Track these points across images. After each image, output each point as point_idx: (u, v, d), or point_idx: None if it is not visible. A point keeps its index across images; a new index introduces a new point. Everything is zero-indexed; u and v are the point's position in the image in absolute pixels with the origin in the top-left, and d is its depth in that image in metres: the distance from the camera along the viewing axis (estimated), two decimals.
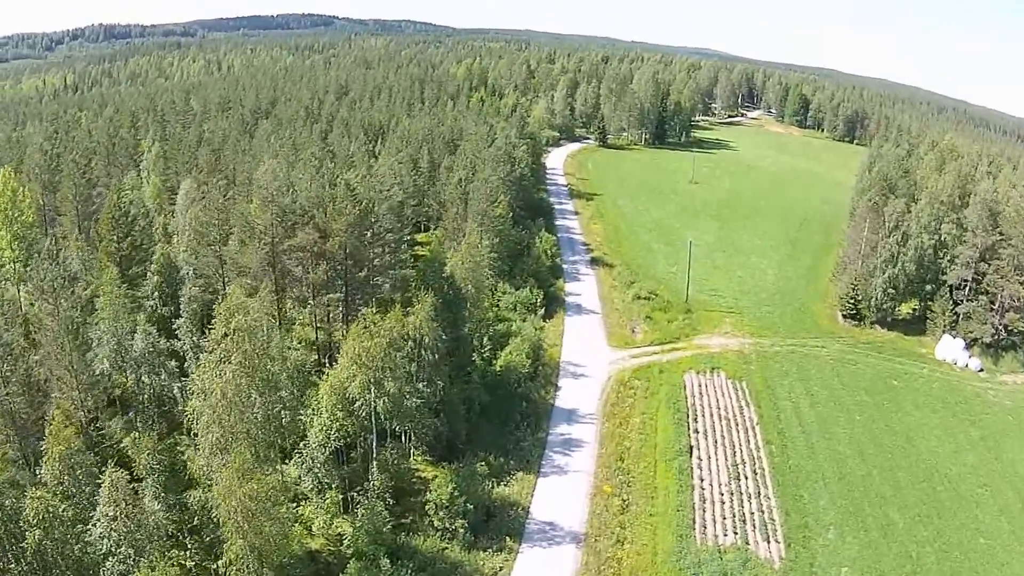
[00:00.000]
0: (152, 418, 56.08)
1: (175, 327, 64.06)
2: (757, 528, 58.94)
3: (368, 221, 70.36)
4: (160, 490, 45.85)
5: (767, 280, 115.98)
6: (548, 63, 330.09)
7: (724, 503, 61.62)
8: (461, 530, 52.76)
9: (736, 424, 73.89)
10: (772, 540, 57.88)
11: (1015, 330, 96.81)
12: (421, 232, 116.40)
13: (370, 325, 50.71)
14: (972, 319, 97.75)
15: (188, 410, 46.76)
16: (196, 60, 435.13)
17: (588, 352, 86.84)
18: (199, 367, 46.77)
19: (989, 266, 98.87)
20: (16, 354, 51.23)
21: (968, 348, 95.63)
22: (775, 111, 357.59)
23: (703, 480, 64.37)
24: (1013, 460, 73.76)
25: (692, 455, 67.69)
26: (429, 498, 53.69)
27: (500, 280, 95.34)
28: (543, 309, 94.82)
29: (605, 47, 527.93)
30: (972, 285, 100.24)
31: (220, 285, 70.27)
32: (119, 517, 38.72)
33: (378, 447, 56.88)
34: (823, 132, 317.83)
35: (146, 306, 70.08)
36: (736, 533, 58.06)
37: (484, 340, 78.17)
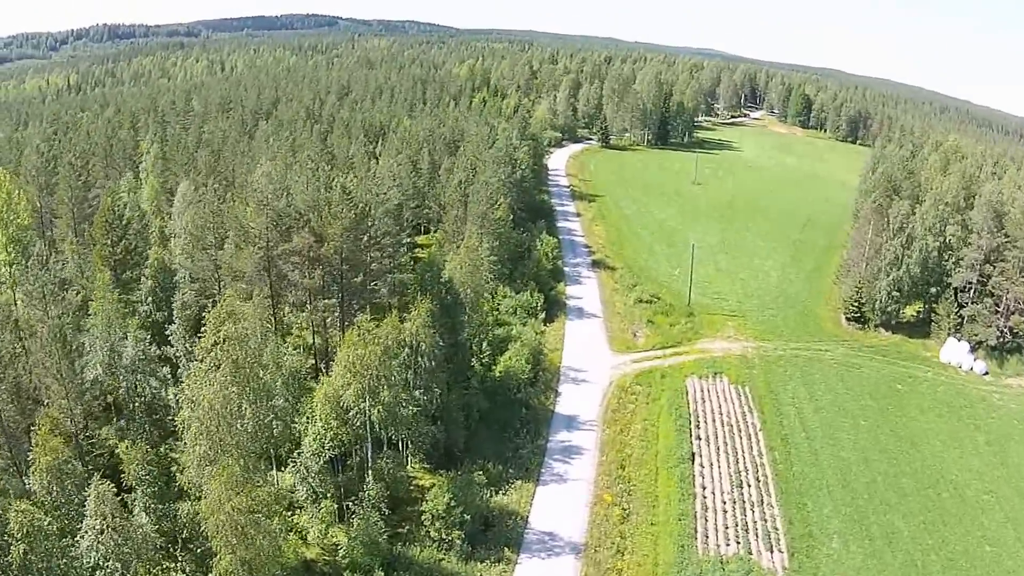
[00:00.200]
0: (144, 426, 55.17)
1: (168, 333, 63.24)
2: (760, 537, 58.04)
3: (364, 225, 69.43)
4: (151, 501, 44.97)
5: (770, 283, 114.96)
6: (551, 63, 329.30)
7: (726, 512, 60.70)
8: (458, 541, 51.90)
9: (739, 430, 72.98)
10: (775, 550, 57.02)
11: (1020, 332, 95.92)
12: (422, 234, 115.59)
13: (364, 333, 49.72)
14: (977, 322, 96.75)
15: (179, 420, 45.91)
16: (199, 60, 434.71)
17: (589, 357, 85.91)
18: (189, 376, 45.90)
19: (994, 268, 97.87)
20: (6, 360, 50.44)
21: (973, 351, 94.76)
22: (778, 111, 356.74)
23: (705, 488, 63.41)
24: (1019, 465, 72.99)
25: (694, 462, 66.79)
26: (425, 508, 52.80)
27: (500, 283, 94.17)
28: (544, 313, 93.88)
29: (608, 47, 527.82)
30: (977, 287, 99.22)
31: (216, 290, 69.42)
32: (106, 530, 37.88)
33: (374, 455, 56.00)
34: (826, 132, 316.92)
35: (140, 311, 69.22)
36: (739, 543, 57.17)
37: (483, 345, 77.07)
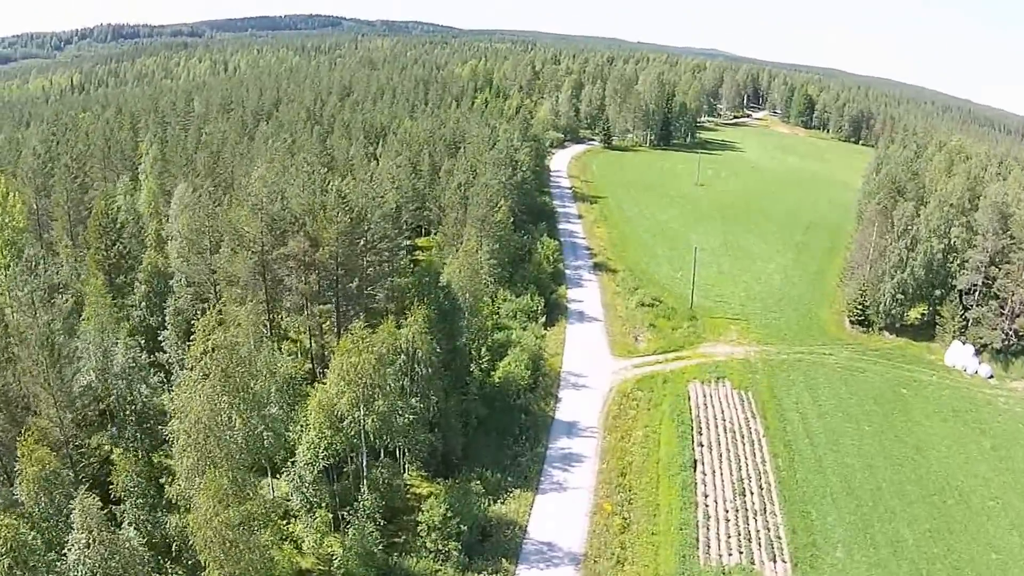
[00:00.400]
0: (134, 434, 54.24)
1: (161, 339, 62.36)
2: (763, 547, 57.04)
3: (360, 229, 68.42)
4: (140, 512, 44.08)
5: (773, 285, 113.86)
6: (553, 64, 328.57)
7: (729, 520, 59.70)
8: (455, 552, 50.97)
9: (742, 437, 71.94)
10: (779, 559, 56.05)
11: None
12: (422, 236, 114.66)
13: (358, 340, 48.75)
14: (982, 324, 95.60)
15: (169, 430, 45.03)
16: (202, 60, 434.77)
17: (590, 362, 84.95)
18: (178, 386, 45.00)
19: (999, 270, 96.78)
20: None
21: (978, 354, 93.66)
22: (780, 112, 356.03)
23: (707, 496, 62.42)
24: None
25: (696, 470, 65.76)
26: (421, 519, 51.88)
27: (500, 287, 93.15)
28: (544, 317, 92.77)
29: (610, 48, 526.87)
30: (982, 290, 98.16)
31: (211, 294, 68.50)
32: (92, 544, 36.95)
33: (370, 464, 55.06)
34: (828, 132, 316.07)
35: (134, 316, 68.32)
36: (741, 552, 56.22)
37: (482, 350, 76.00)
